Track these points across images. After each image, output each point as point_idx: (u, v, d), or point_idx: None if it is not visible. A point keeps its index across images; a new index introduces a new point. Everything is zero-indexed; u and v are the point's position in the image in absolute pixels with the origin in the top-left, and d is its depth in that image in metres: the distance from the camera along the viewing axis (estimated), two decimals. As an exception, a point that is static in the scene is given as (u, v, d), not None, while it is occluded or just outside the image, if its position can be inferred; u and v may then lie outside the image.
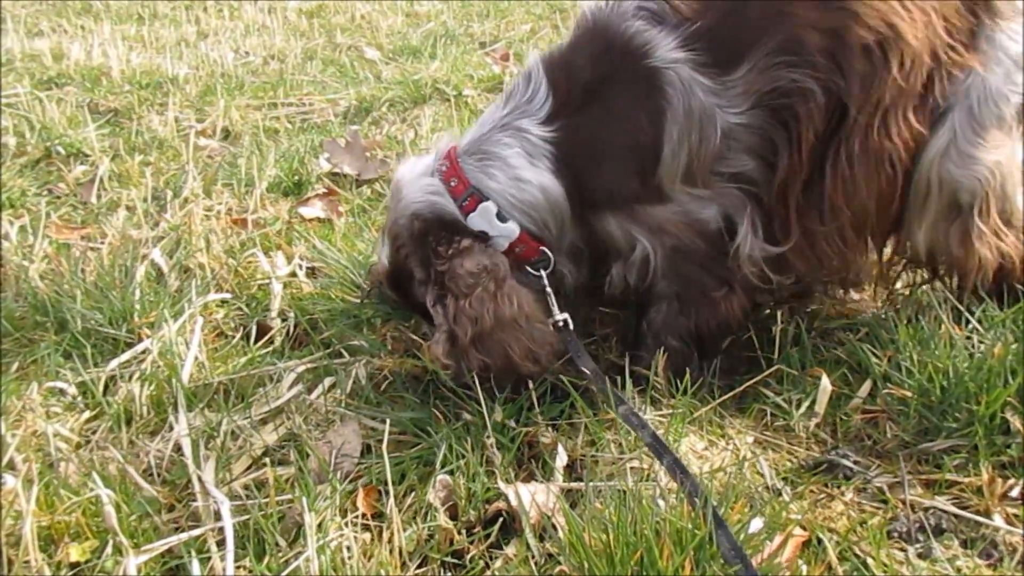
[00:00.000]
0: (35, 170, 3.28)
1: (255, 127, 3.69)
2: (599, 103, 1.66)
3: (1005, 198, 1.74)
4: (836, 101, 1.63)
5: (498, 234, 1.69)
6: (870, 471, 1.54)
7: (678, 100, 1.61)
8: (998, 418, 1.53)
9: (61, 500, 1.45)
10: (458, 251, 1.65)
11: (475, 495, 1.50)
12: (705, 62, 1.61)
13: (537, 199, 1.69)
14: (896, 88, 1.62)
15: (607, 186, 1.69)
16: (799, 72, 1.60)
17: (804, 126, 1.63)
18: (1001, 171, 1.71)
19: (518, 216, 1.70)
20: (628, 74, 1.64)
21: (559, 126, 1.67)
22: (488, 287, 1.62)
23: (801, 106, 1.62)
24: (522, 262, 1.72)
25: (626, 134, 1.67)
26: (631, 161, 1.67)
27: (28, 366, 1.97)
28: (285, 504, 1.49)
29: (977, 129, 1.69)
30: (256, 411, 1.78)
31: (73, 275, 2.24)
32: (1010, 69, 1.69)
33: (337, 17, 6.27)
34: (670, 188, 1.68)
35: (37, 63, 4.83)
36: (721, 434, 1.68)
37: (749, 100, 1.62)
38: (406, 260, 1.74)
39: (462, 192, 1.69)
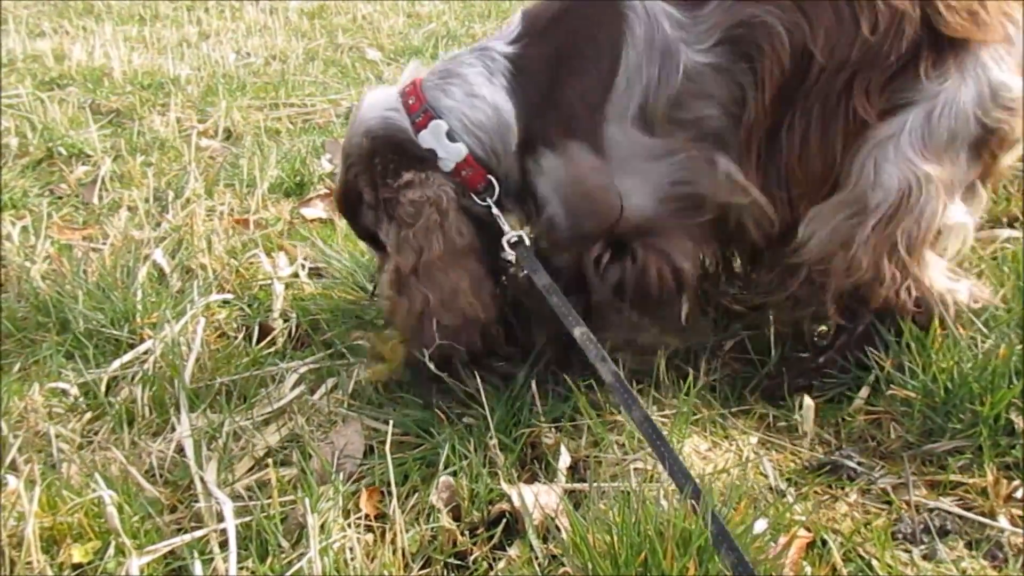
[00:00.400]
0: (37, 171, 3.27)
1: (257, 128, 3.68)
2: (563, 24, 1.65)
3: (917, 221, 1.60)
4: (802, 48, 1.54)
5: (445, 154, 1.66)
6: (874, 472, 1.54)
7: (640, 28, 1.57)
8: (1003, 419, 1.53)
9: (63, 501, 1.45)
10: (405, 184, 1.64)
11: (478, 496, 1.49)
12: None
13: (488, 118, 1.66)
14: (865, 50, 1.53)
15: (555, 107, 1.63)
16: (763, 8, 1.53)
17: (769, 66, 1.55)
18: (932, 188, 1.58)
19: (468, 139, 1.67)
20: (593, 2, 1.63)
21: (522, 45, 1.66)
22: (432, 217, 1.61)
23: (766, 44, 1.55)
24: (467, 188, 1.69)
25: (581, 55, 1.63)
26: (583, 84, 1.62)
27: (30, 367, 1.96)
28: (288, 505, 1.48)
29: (926, 136, 1.57)
30: (258, 412, 1.77)
31: (75, 276, 2.24)
32: (983, 93, 1.56)
33: (338, 18, 6.27)
34: (611, 132, 1.60)
35: (39, 64, 4.84)
36: (724, 435, 1.67)
37: (714, 36, 1.56)
38: (356, 180, 1.72)
39: (416, 109, 1.67)
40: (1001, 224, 2.39)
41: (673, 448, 1.33)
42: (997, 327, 1.72)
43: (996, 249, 2.21)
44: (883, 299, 1.66)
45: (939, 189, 1.59)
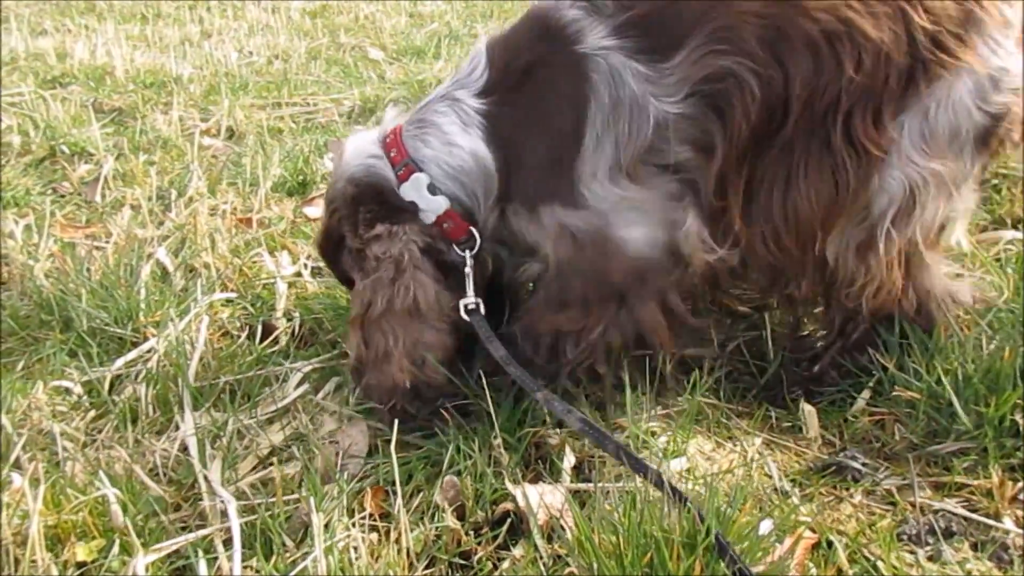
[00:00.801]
0: (39, 169, 3.27)
1: (259, 127, 3.68)
2: (529, 85, 1.63)
3: (923, 220, 1.60)
4: (776, 98, 1.53)
5: (427, 207, 1.67)
6: (879, 473, 1.54)
7: (604, 88, 1.55)
8: (1008, 421, 1.53)
9: (67, 499, 1.45)
10: (374, 236, 1.65)
11: (482, 496, 1.49)
12: (640, 48, 1.54)
13: (469, 164, 1.66)
14: (856, 88, 1.51)
15: (527, 169, 1.64)
16: (733, 60, 1.51)
17: (738, 120, 1.53)
18: (936, 185, 1.57)
19: (451, 186, 1.67)
20: (558, 59, 1.60)
21: (492, 100, 1.65)
22: (388, 273, 1.62)
23: (736, 96, 1.52)
24: (449, 241, 1.70)
25: (548, 118, 1.62)
26: (551, 150, 1.62)
27: (33, 365, 1.96)
28: (292, 504, 1.48)
29: (926, 134, 1.55)
30: (262, 411, 1.78)
31: (78, 274, 2.23)
32: (982, 83, 1.53)
33: (341, 17, 6.27)
34: (588, 188, 1.59)
35: (41, 62, 4.83)
36: (728, 435, 1.67)
37: (684, 88, 1.53)
38: (339, 224, 1.73)
39: (399, 162, 1.68)
40: (1004, 225, 2.39)
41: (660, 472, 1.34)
42: (1002, 329, 1.72)
43: (999, 251, 2.21)
44: (883, 303, 1.66)
45: (943, 186, 1.58)
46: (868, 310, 1.67)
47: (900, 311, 1.67)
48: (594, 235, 1.61)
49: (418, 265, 1.63)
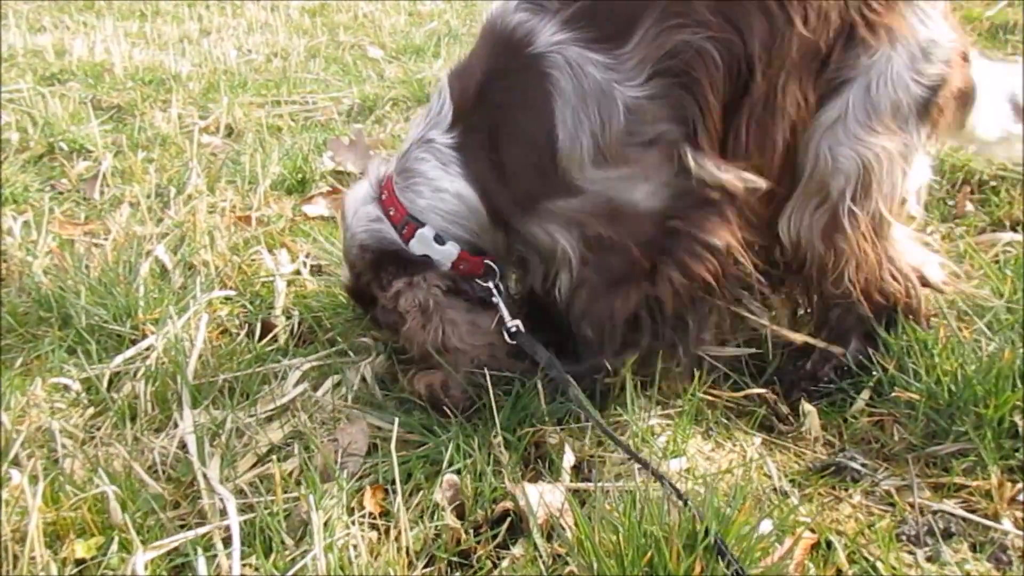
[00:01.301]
0: (38, 166, 3.27)
1: (258, 124, 3.68)
2: (490, 101, 1.64)
3: (883, 195, 1.62)
4: (739, 62, 1.53)
5: (439, 257, 1.72)
6: (878, 474, 1.54)
7: (566, 82, 1.55)
8: (1007, 422, 1.53)
9: (67, 496, 1.45)
10: (396, 293, 1.71)
11: (482, 495, 1.49)
12: (594, 38, 1.54)
13: (458, 207, 1.70)
14: (803, 45, 1.53)
15: (511, 183, 1.65)
16: (690, 32, 1.51)
17: (707, 90, 1.54)
18: (889, 160, 1.60)
19: (454, 231, 1.71)
20: (514, 66, 1.59)
21: (459, 131, 1.67)
22: (416, 322, 1.69)
23: (700, 69, 1.53)
24: (470, 277, 1.75)
25: (516, 124, 1.62)
26: (528, 153, 1.62)
27: (32, 362, 1.96)
28: (291, 502, 1.48)
29: (870, 111, 1.58)
30: (261, 409, 1.77)
31: (77, 271, 2.23)
32: (915, 54, 1.58)
33: (340, 15, 6.27)
34: (579, 176, 1.60)
35: (40, 59, 4.83)
36: (728, 435, 1.67)
37: (646, 70, 1.53)
38: (368, 286, 1.79)
39: (400, 220, 1.72)
40: (1003, 227, 2.39)
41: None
42: (1001, 330, 1.72)
43: (998, 252, 2.21)
44: (867, 285, 1.67)
45: (895, 160, 1.61)
46: (857, 295, 1.68)
47: (883, 292, 1.69)
48: (603, 209, 1.62)
49: (445, 306, 1.70)
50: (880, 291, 1.70)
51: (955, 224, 2.44)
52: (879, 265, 1.67)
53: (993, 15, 4.42)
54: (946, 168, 2.67)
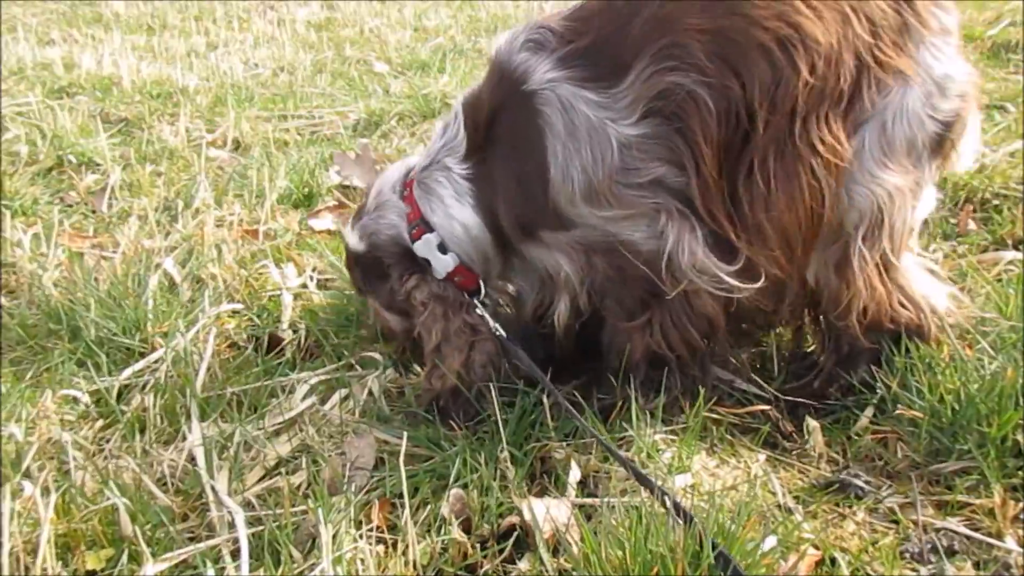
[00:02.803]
0: (47, 178, 3.29)
1: (265, 139, 3.71)
2: (495, 137, 1.70)
3: (893, 232, 1.63)
4: (736, 108, 1.52)
5: (437, 264, 1.80)
6: (882, 491, 1.55)
7: (556, 117, 1.58)
8: (1010, 440, 1.54)
9: (77, 508, 1.46)
10: (413, 287, 1.81)
11: (489, 509, 1.50)
12: (588, 77, 1.57)
13: (462, 235, 1.79)
14: (811, 92, 1.51)
15: (513, 216, 1.72)
16: (682, 76, 1.51)
17: (698, 135, 1.53)
18: (901, 198, 1.61)
19: (456, 248, 1.79)
20: (512, 103, 1.64)
21: (472, 163, 1.75)
22: (438, 309, 1.79)
23: (692, 114, 1.53)
24: (461, 290, 1.82)
25: (516, 162, 1.68)
26: (526, 188, 1.67)
27: (42, 374, 1.98)
28: (299, 515, 1.49)
29: (886, 149, 1.59)
30: (269, 422, 1.79)
31: (86, 284, 2.25)
32: (931, 91, 1.58)
33: (346, 31, 6.31)
34: (570, 211, 1.64)
35: (49, 72, 4.86)
36: (732, 452, 1.68)
37: (639, 110, 1.54)
38: (388, 268, 1.86)
39: (413, 220, 1.81)
40: (1005, 246, 2.41)
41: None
42: (1003, 349, 1.74)
43: (1000, 271, 2.23)
44: (874, 318, 1.69)
45: (907, 197, 1.62)
46: (863, 328, 1.69)
47: (895, 321, 1.71)
48: (601, 243, 1.66)
49: (459, 297, 1.81)
50: (892, 320, 1.71)
51: (957, 242, 2.46)
52: (888, 296, 1.68)
53: (995, 34, 4.45)
54: (948, 187, 2.69)
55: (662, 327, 1.68)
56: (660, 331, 1.69)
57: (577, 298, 1.75)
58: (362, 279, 1.95)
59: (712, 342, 1.74)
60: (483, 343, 1.80)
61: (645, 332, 1.70)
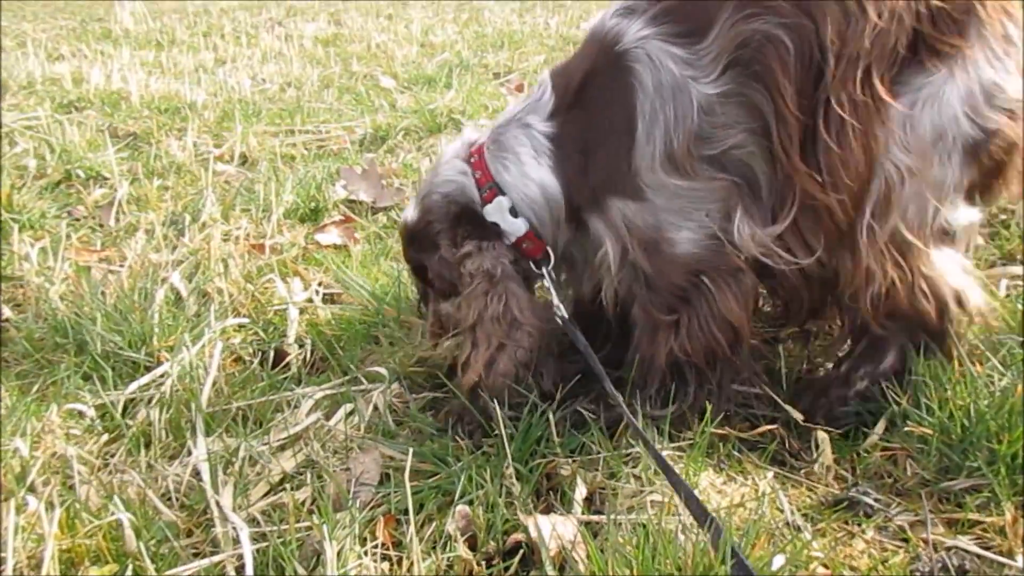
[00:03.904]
0: (55, 192, 3.31)
1: (272, 153, 3.72)
2: (585, 96, 1.71)
3: (905, 217, 1.61)
4: (811, 48, 1.53)
5: (508, 229, 1.77)
6: (891, 509, 1.53)
7: (647, 74, 1.60)
8: (1020, 457, 1.53)
9: (82, 523, 1.45)
10: (465, 255, 1.77)
11: (494, 526, 1.49)
12: (676, 33, 1.59)
13: (537, 196, 1.76)
14: (878, 37, 1.51)
15: (591, 177, 1.71)
16: (762, 21, 1.53)
17: (780, 77, 1.54)
18: (915, 182, 1.58)
19: (527, 212, 1.77)
20: (605, 64, 1.67)
21: (557, 122, 1.74)
22: (481, 287, 1.74)
23: (773, 58, 1.54)
24: (527, 258, 1.80)
25: (604, 119, 1.68)
26: (610, 146, 1.67)
27: (47, 388, 1.97)
28: (304, 531, 1.48)
29: (908, 130, 1.57)
30: (274, 437, 1.78)
31: (93, 297, 2.25)
32: (973, 91, 1.56)
33: (353, 46, 6.36)
34: (649, 177, 1.64)
35: (58, 87, 4.90)
36: (740, 469, 1.67)
37: (721, 63, 1.57)
38: (437, 235, 1.83)
39: (484, 184, 1.78)
40: (1013, 261, 2.40)
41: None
42: (1013, 365, 1.72)
43: (1009, 287, 2.22)
44: (893, 304, 1.66)
45: (923, 185, 1.59)
46: (880, 314, 1.67)
47: (918, 312, 1.67)
48: (648, 233, 1.67)
49: (510, 276, 1.75)
50: (912, 308, 1.67)
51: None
52: (908, 282, 1.65)
53: None
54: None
55: (688, 331, 1.68)
56: (687, 335, 1.68)
57: (614, 284, 1.75)
58: (415, 255, 1.90)
59: (735, 352, 1.72)
60: (519, 338, 1.74)
61: (671, 335, 1.70)
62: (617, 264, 1.71)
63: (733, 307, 1.67)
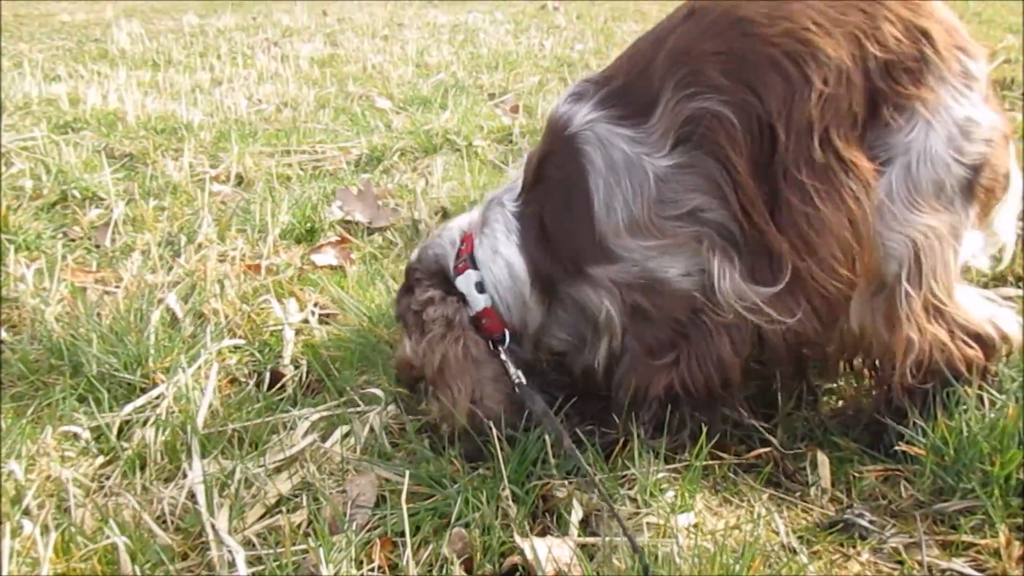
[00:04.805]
0: (50, 213, 3.31)
1: (268, 174, 3.74)
2: (542, 176, 1.78)
3: (935, 275, 1.61)
4: (758, 121, 1.55)
5: (472, 302, 1.85)
6: (886, 531, 1.54)
7: (596, 154, 1.65)
8: (1013, 479, 1.54)
9: (77, 547, 1.45)
10: (428, 299, 1.85)
11: (491, 548, 1.49)
12: (622, 115, 1.65)
13: (503, 276, 1.82)
14: (825, 105, 1.52)
15: (557, 252, 1.76)
16: (704, 99, 1.56)
17: (728, 150, 1.56)
18: (938, 239, 1.59)
19: (491, 291, 1.84)
20: (557, 147, 1.73)
21: (521, 201, 1.82)
22: (440, 331, 1.81)
23: (719, 133, 1.56)
24: (486, 333, 1.85)
25: (562, 198, 1.73)
26: (571, 222, 1.72)
27: (43, 410, 1.97)
28: (300, 554, 1.48)
29: (912, 190, 1.58)
30: (270, 459, 1.78)
31: (89, 319, 2.25)
32: (953, 134, 1.57)
33: (349, 67, 6.39)
34: (616, 243, 1.67)
35: (54, 107, 4.91)
36: (735, 491, 1.68)
37: (670, 139, 1.60)
38: (417, 282, 1.91)
39: (463, 255, 1.88)
40: (1005, 283, 2.42)
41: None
42: (1005, 385, 1.73)
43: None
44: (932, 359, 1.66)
45: (944, 239, 1.60)
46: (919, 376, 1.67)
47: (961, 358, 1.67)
48: (639, 278, 1.69)
49: (468, 327, 1.82)
50: (951, 361, 1.67)
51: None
52: (946, 338, 1.65)
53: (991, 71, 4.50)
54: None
55: (688, 367, 1.69)
56: (686, 370, 1.70)
57: (614, 339, 1.77)
58: (399, 295, 1.98)
59: (730, 388, 1.73)
60: (487, 373, 1.80)
61: (671, 370, 1.71)
62: (620, 321, 1.74)
63: (728, 351, 1.67)
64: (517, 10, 10.54)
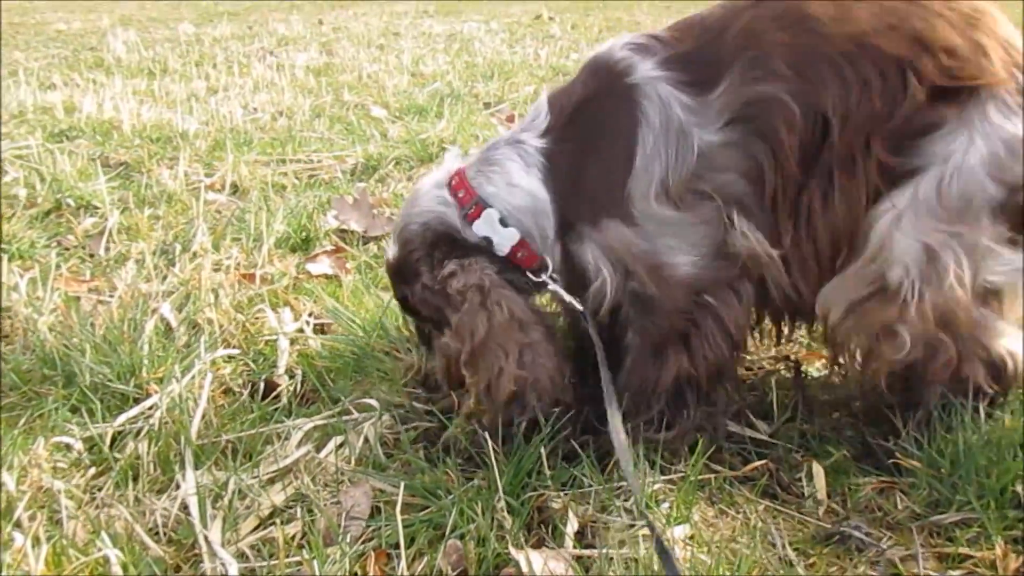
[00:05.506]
0: (44, 222, 3.30)
1: (263, 183, 3.73)
2: (584, 116, 1.75)
3: (951, 289, 1.57)
4: (816, 113, 1.59)
5: (500, 240, 1.77)
6: (882, 543, 1.54)
7: (654, 112, 1.65)
8: (1009, 491, 1.54)
9: (69, 560, 1.44)
10: (449, 274, 1.76)
11: (485, 560, 1.49)
12: (684, 81, 1.66)
13: (527, 204, 1.77)
14: (875, 109, 1.57)
15: (583, 194, 1.73)
16: (769, 85, 1.60)
17: (783, 134, 1.60)
18: (953, 253, 1.56)
19: (515, 221, 1.77)
20: (610, 90, 1.71)
21: (551, 138, 1.77)
22: (476, 299, 1.71)
23: (777, 115, 1.60)
24: (523, 268, 1.79)
25: (603, 143, 1.72)
26: (606, 169, 1.70)
27: (35, 420, 1.95)
28: (294, 566, 1.47)
29: (938, 202, 1.56)
30: (264, 470, 1.77)
31: (82, 328, 2.24)
32: (997, 151, 1.53)
33: (344, 75, 6.39)
34: (639, 208, 1.67)
35: (49, 116, 4.90)
36: (731, 502, 1.67)
37: (725, 116, 1.63)
38: (417, 263, 1.83)
39: (467, 202, 1.79)
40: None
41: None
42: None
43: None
44: (949, 373, 1.64)
45: (960, 253, 1.57)
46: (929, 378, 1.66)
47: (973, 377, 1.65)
48: (647, 258, 1.69)
49: (501, 284, 1.74)
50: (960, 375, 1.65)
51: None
52: (964, 353, 1.63)
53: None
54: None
55: (700, 349, 1.71)
56: (699, 353, 1.71)
57: (598, 312, 1.75)
58: (401, 289, 1.89)
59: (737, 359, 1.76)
60: (536, 337, 1.72)
61: (681, 356, 1.72)
62: (613, 294, 1.72)
63: (736, 316, 1.70)
64: (512, 20, 10.57)
